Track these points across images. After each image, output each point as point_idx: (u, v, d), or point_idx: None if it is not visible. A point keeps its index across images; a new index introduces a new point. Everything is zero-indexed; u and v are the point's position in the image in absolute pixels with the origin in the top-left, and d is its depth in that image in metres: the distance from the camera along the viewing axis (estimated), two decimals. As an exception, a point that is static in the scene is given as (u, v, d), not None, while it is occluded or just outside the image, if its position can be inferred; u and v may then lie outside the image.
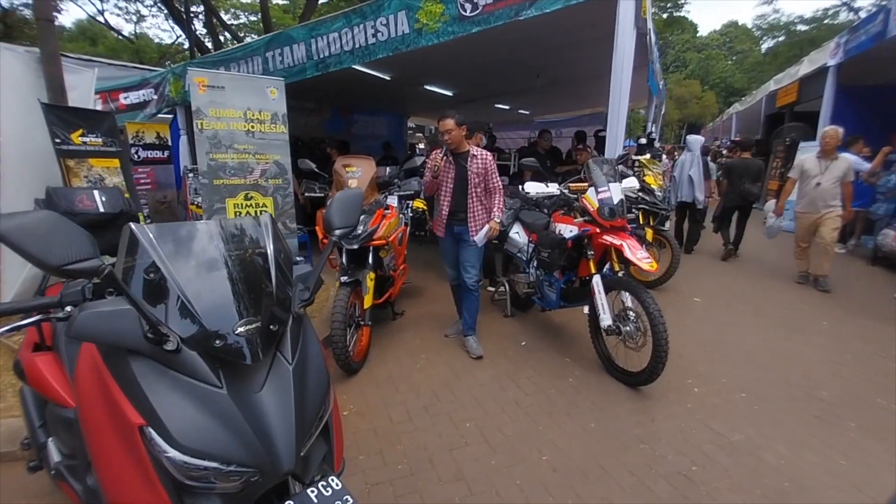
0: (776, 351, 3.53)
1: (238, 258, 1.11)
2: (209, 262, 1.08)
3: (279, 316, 1.09)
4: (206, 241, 1.12)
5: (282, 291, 1.14)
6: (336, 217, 1.32)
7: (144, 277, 0.99)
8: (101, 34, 24.94)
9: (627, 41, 4.02)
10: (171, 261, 1.01)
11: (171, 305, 0.98)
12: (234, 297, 1.04)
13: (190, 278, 1.02)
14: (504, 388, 2.99)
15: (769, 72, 30.46)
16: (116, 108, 6.47)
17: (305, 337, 1.18)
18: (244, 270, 1.10)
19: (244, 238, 1.20)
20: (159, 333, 0.91)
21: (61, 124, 3.32)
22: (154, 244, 1.02)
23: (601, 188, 3.05)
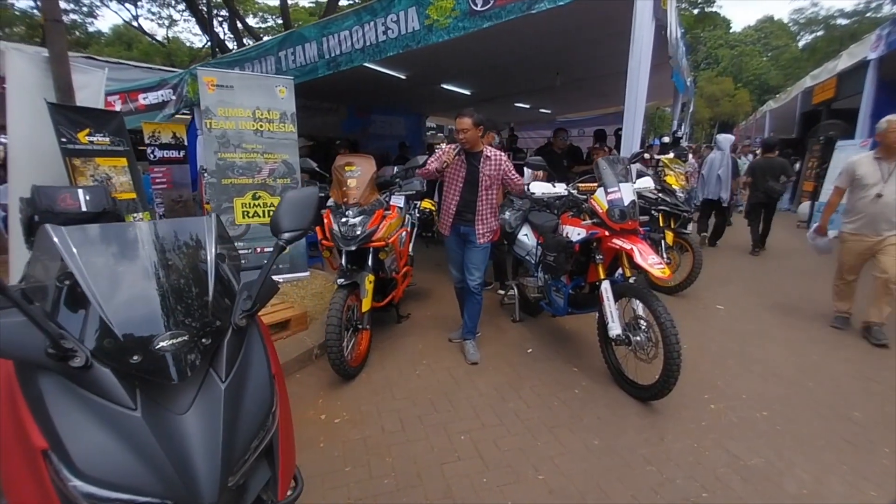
0: (804, 366, 3.26)
1: (171, 264, 1.02)
2: (135, 269, 0.99)
3: (214, 328, 0.99)
4: (135, 246, 1.03)
5: (221, 301, 1.03)
6: (285, 219, 1.21)
7: (56, 284, 0.90)
8: (136, 39, 25.82)
9: (646, 34, 3.81)
10: (90, 267, 0.92)
11: (86, 316, 0.89)
12: (160, 308, 0.94)
13: (109, 285, 0.92)
14: (505, 399, 2.84)
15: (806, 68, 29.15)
16: (136, 109, 6.59)
17: (248, 351, 1.08)
18: (177, 277, 1.00)
19: (182, 240, 1.10)
20: (62, 348, 0.82)
21: (68, 124, 3.34)
22: (70, 248, 0.93)
23: (611, 188, 2.87)
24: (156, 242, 1.03)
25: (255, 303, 1.08)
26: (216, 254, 1.07)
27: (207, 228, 1.11)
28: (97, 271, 0.92)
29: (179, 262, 1.04)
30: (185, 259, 1.06)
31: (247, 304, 1.07)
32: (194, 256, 1.07)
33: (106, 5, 19.77)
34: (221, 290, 1.05)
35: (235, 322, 1.04)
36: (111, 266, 0.97)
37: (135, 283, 0.95)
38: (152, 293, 0.94)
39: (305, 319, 3.56)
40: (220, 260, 1.08)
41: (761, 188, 6.69)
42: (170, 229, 1.10)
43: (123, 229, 1.08)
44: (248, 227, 4.70)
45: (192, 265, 1.05)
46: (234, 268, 1.15)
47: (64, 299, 0.90)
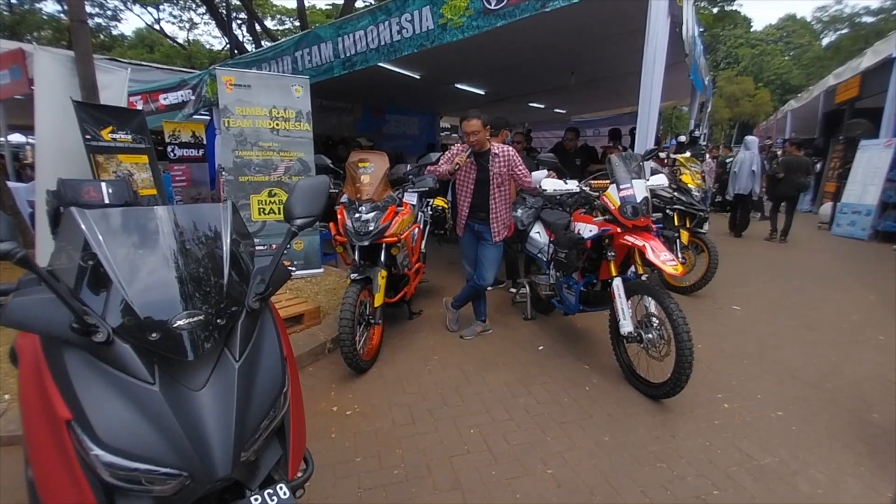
0: (823, 367, 3.20)
1: (189, 247, 1.05)
2: (155, 250, 1.03)
3: (229, 310, 1.02)
4: (155, 228, 1.07)
5: (235, 284, 1.07)
6: (297, 205, 1.24)
7: (80, 264, 0.94)
8: (158, 42, 26.45)
9: (660, 31, 3.78)
10: (112, 247, 0.96)
11: (108, 295, 0.93)
12: (178, 288, 0.97)
13: (130, 266, 0.96)
14: (515, 395, 2.85)
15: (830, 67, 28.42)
16: (157, 109, 6.75)
17: (261, 333, 1.11)
18: (194, 260, 1.04)
19: (199, 226, 1.14)
20: (85, 324, 0.86)
21: (92, 121, 3.45)
22: (93, 229, 0.97)
23: (623, 185, 2.85)
24: (175, 227, 1.07)
25: (269, 286, 1.12)
26: (231, 239, 1.11)
27: (223, 215, 1.15)
28: (119, 253, 0.96)
29: (197, 247, 1.07)
30: (202, 244, 1.09)
31: (260, 287, 1.11)
32: (211, 241, 1.10)
33: (129, 9, 20.26)
34: (236, 273, 1.08)
35: (249, 304, 1.07)
36: (132, 248, 1.01)
37: (154, 266, 0.99)
38: (171, 275, 0.98)
39: (319, 314, 3.61)
40: (235, 246, 1.11)
41: (792, 182, 7.50)
42: (188, 215, 1.14)
43: (144, 213, 1.12)
44: (263, 223, 4.78)
45: (208, 249, 1.08)
46: (248, 254, 1.19)
47: (88, 278, 0.94)
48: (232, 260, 1.09)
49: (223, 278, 1.04)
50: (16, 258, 0.82)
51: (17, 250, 0.82)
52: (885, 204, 7.35)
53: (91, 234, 0.96)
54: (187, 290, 0.98)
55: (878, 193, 7.29)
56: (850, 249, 7.08)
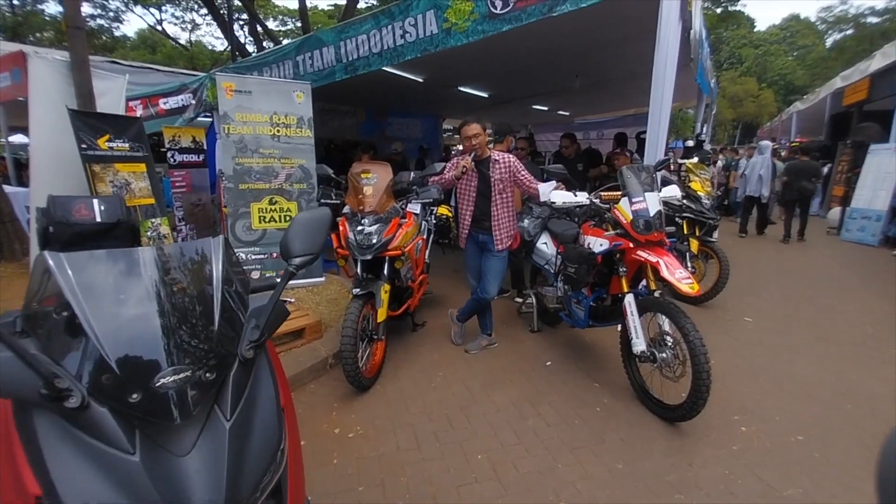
0: (841, 385, 3.09)
1: (175, 291, 0.96)
2: (137, 298, 0.93)
3: (219, 362, 0.92)
4: (138, 272, 0.97)
5: (227, 330, 0.97)
6: (295, 242, 1.14)
7: (54, 316, 0.85)
8: (160, 43, 26.40)
9: (672, 35, 3.68)
10: (89, 296, 0.86)
11: (83, 350, 0.83)
12: (162, 341, 0.87)
13: (109, 317, 0.86)
14: (524, 416, 2.74)
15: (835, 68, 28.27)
16: (157, 113, 6.67)
17: (256, 384, 1.01)
18: (181, 306, 0.94)
19: (187, 267, 1.04)
20: (56, 388, 0.76)
21: (88, 130, 3.36)
22: (68, 275, 0.87)
23: (636, 198, 2.75)
24: (160, 268, 0.98)
25: (264, 332, 1.02)
26: (223, 278, 1.01)
27: (214, 252, 1.05)
28: (96, 301, 0.87)
29: (184, 291, 0.98)
30: (190, 286, 1.00)
31: (254, 333, 1.01)
32: (200, 282, 1.01)
33: (131, 10, 20.21)
34: (228, 318, 0.98)
35: (242, 354, 0.98)
36: (111, 295, 0.91)
37: (136, 315, 0.89)
38: (154, 324, 0.89)
39: (320, 328, 3.51)
40: (227, 285, 1.02)
41: (796, 187, 7.71)
42: (175, 254, 1.04)
43: (126, 255, 1.02)
44: (264, 232, 4.69)
45: (197, 292, 0.99)
46: (242, 292, 1.09)
47: (61, 331, 0.84)
48: (223, 303, 0.99)
49: (213, 325, 0.95)
50: None
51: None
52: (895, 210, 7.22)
53: (65, 280, 0.86)
54: (173, 342, 0.88)
55: (889, 198, 7.16)
56: (860, 256, 6.96)
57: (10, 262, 5.29)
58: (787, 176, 7.88)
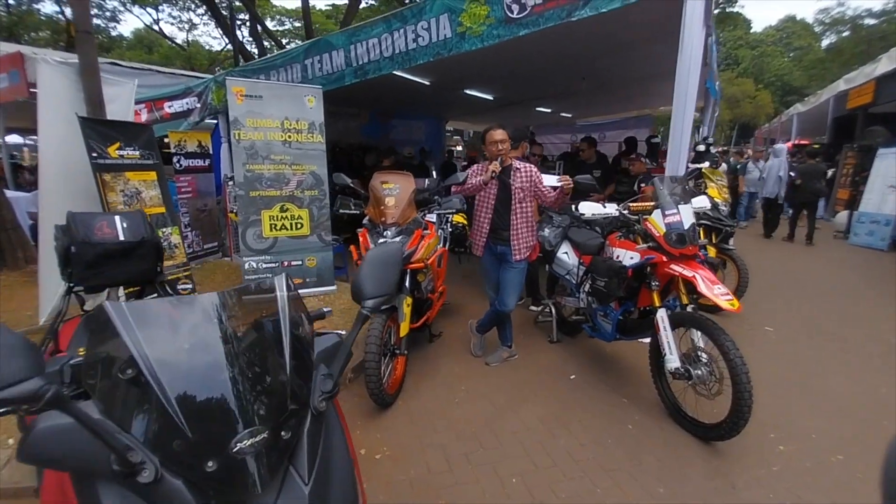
0: (872, 399, 3.03)
1: (243, 339, 0.87)
2: (204, 350, 0.84)
3: (294, 417, 0.84)
4: (202, 322, 0.88)
5: (299, 380, 0.89)
6: (367, 283, 1.06)
7: (119, 376, 0.76)
8: (157, 42, 26.17)
9: (696, 39, 3.60)
10: (154, 351, 0.78)
11: (151, 416, 0.74)
12: (235, 399, 0.79)
13: (177, 375, 0.78)
14: (554, 435, 2.67)
15: (832, 69, 28.38)
16: (161, 117, 6.56)
17: (329, 439, 0.93)
18: (250, 356, 0.86)
19: (251, 310, 0.95)
20: (129, 463, 0.68)
21: (98, 138, 3.25)
22: (132, 329, 0.79)
23: (669, 211, 2.68)
24: (224, 316, 0.89)
25: (337, 384, 0.94)
26: (290, 321, 0.93)
27: (279, 291, 0.96)
28: (163, 357, 0.78)
29: (252, 337, 0.89)
30: (258, 332, 0.91)
31: (327, 384, 0.92)
32: (267, 327, 0.92)
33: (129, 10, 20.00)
34: (298, 365, 0.90)
35: (315, 406, 0.89)
36: (178, 349, 0.83)
37: (205, 369, 0.81)
38: (224, 379, 0.80)
39: (338, 341, 3.42)
40: (294, 327, 0.93)
41: (809, 189, 7.92)
42: (239, 299, 0.96)
43: (189, 303, 0.93)
44: (275, 240, 4.60)
45: (265, 339, 0.90)
46: (308, 333, 1.00)
47: (126, 391, 0.76)
48: (292, 349, 0.90)
49: (285, 375, 0.86)
50: (45, 399, 0.64)
51: (45, 388, 0.63)
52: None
53: (129, 335, 0.77)
54: (245, 399, 0.79)
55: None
56: (871, 261, 6.93)
57: (12, 271, 5.17)
58: (801, 178, 8.07)
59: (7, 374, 0.61)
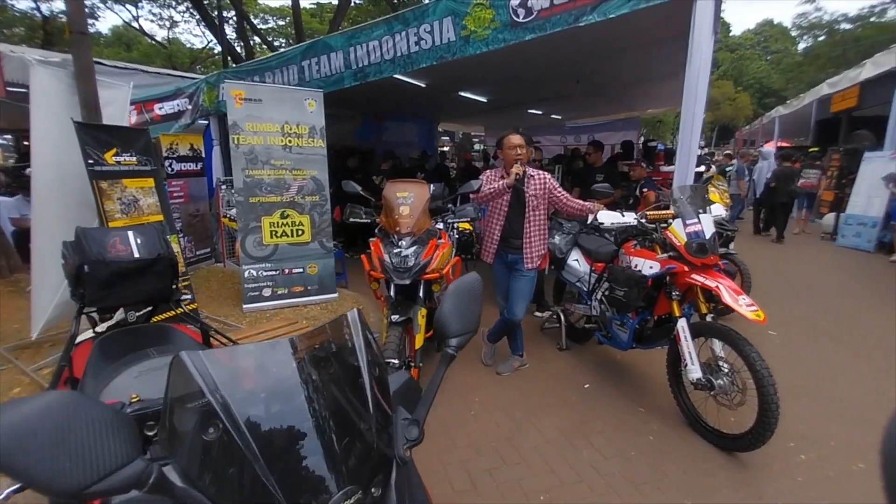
0: (883, 404, 3.07)
1: (323, 388, 0.79)
2: (286, 404, 0.76)
3: (382, 471, 0.77)
4: (280, 371, 0.80)
5: (384, 429, 0.82)
6: (451, 320, 0.98)
7: (203, 439, 0.68)
8: (136, 40, 25.48)
9: (704, 47, 3.59)
10: (237, 406, 0.70)
11: (240, 480, 0.67)
12: (324, 453, 0.72)
13: (264, 434, 0.70)
14: (576, 447, 2.63)
15: (808, 72, 29.11)
16: (151, 119, 6.36)
17: (412, 491, 0.86)
18: (334, 405, 0.79)
19: (330, 352, 0.88)
20: None
21: (95, 144, 3.10)
22: (215, 386, 0.70)
23: (690, 220, 2.67)
24: (302, 363, 0.81)
25: (422, 430, 0.87)
26: (369, 362, 0.86)
27: (354, 330, 0.89)
28: (247, 413, 0.70)
29: (332, 386, 0.82)
30: (338, 377, 0.84)
31: (412, 431, 0.85)
32: (347, 371, 0.85)
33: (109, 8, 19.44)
34: (380, 411, 0.83)
35: (400, 456, 0.82)
36: (260, 404, 0.74)
37: (291, 426, 0.73)
38: (312, 436, 0.72)
39: (348, 353, 3.33)
40: (373, 369, 0.86)
41: (784, 191, 8.48)
42: (314, 342, 0.88)
43: (264, 350, 0.85)
44: (276, 247, 4.48)
45: (347, 385, 0.83)
46: (384, 373, 0.93)
47: (211, 454, 0.68)
48: (373, 393, 0.83)
49: (370, 424, 0.79)
50: (150, 483, 0.55)
51: (149, 470, 0.55)
52: (889, 216, 7.37)
53: (212, 391, 0.69)
54: (335, 457, 0.72)
55: (884, 205, 7.32)
56: (859, 262, 7.09)
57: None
58: (776, 181, 8.63)
59: (110, 459, 0.53)
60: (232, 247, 6.17)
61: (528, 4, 3.97)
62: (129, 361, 1.56)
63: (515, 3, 4.02)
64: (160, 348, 1.67)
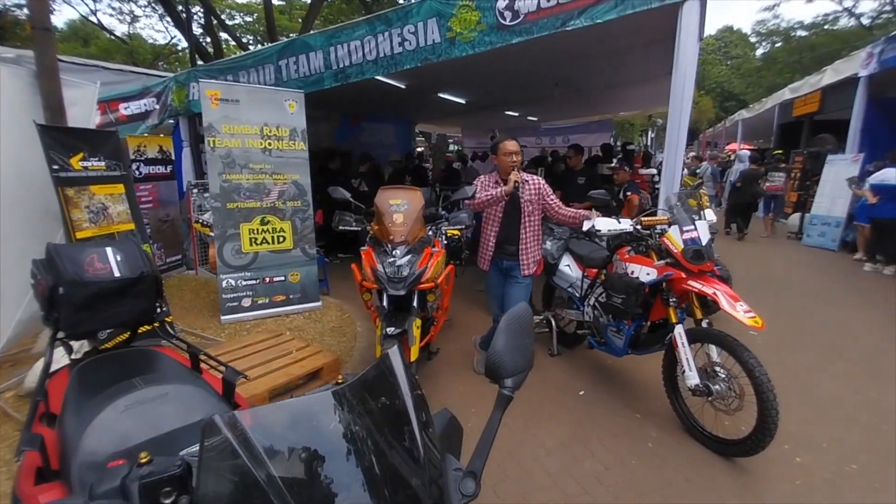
0: (867, 404, 3.16)
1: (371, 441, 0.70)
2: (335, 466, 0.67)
3: None
4: (325, 430, 0.70)
5: (436, 483, 0.73)
6: (507, 358, 0.90)
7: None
8: (94, 34, 24.24)
9: (690, 54, 3.63)
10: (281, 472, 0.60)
11: None
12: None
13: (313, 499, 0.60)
14: (577, 458, 2.59)
15: (767, 77, 30.41)
16: (116, 119, 6.00)
17: None
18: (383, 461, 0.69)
19: (372, 401, 0.78)
20: None
21: (60, 148, 2.87)
22: (255, 451, 0.60)
23: (686, 227, 2.67)
24: (347, 417, 0.71)
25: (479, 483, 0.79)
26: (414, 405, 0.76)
27: (398, 371, 0.79)
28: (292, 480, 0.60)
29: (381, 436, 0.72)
30: (385, 427, 0.74)
31: (468, 486, 0.77)
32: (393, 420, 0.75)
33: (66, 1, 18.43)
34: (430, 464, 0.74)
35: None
36: (307, 468, 0.65)
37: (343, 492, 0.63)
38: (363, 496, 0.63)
39: (338, 366, 3.21)
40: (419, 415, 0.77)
41: (748, 191, 9.03)
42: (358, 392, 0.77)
43: (305, 405, 0.75)
44: (255, 255, 4.28)
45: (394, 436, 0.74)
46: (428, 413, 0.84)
47: None
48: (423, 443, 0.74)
49: (423, 479, 0.70)
50: None
51: None
52: (851, 216, 7.70)
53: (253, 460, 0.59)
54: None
55: (847, 206, 7.65)
56: (825, 261, 7.38)
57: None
58: (742, 182, 9.19)
59: None
60: (204, 253, 5.90)
61: (515, 7, 3.94)
62: (114, 394, 1.40)
63: (502, 6, 3.98)
64: (147, 377, 1.52)
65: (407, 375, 0.80)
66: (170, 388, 1.44)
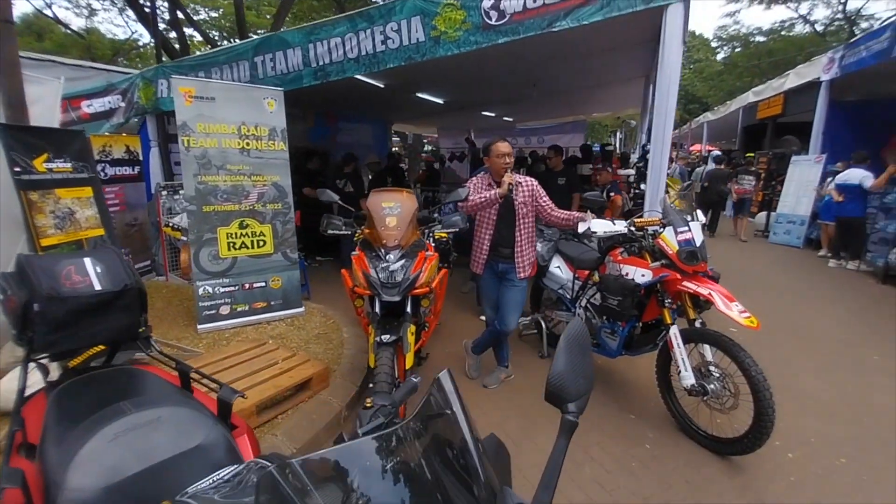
0: (847, 398, 3.27)
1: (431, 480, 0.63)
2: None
3: None
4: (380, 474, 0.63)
5: None
6: (570, 381, 0.83)
7: None
8: (48, 29, 22.93)
9: (674, 58, 3.68)
10: None
11: None
12: None
13: None
14: (578, 463, 2.57)
15: (728, 81, 31.59)
16: (79, 118, 5.64)
17: None
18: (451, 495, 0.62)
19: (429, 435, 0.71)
20: None
21: (22, 149, 2.65)
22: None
23: (680, 228, 2.69)
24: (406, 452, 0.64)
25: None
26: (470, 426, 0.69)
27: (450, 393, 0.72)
28: None
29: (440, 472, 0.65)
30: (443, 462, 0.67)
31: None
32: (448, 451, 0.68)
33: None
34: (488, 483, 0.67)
35: None
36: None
37: None
38: None
39: (327, 376, 3.09)
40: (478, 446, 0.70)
41: (715, 191, 9.29)
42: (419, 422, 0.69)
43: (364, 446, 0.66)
44: (234, 260, 4.10)
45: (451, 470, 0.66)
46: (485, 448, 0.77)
47: None
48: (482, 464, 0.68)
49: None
50: None
51: None
52: (816, 214, 8.05)
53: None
54: None
55: (811, 205, 7.98)
56: (791, 258, 7.69)
57: None
58: (709, 182, 9.48)
59: None
60: (175, 259, 5.64)
61: (501, 7, 3.90)
62: (100, 420, 1.27)
63: (487, 6, 3.94)
64: (135, 400, 1.39)
65: (461, 403, 0.73)
66: (161, 412, 1.32)
